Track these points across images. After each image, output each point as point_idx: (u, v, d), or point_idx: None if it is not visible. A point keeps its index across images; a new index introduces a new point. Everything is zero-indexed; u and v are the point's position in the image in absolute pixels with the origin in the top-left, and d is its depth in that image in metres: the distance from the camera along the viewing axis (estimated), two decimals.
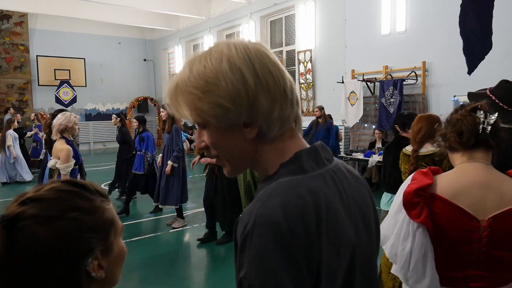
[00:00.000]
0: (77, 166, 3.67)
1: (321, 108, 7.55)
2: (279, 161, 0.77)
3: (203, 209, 5.00)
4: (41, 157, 10.08)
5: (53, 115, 4.33)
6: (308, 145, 0.82)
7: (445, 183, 1.41)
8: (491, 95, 2.04)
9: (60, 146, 3.46)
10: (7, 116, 10.76)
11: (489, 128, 1.38)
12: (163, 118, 5.34)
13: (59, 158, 3.44)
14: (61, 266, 0.71)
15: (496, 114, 1.40)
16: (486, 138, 1.39)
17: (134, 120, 6.13)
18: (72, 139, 3.73)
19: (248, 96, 0.72)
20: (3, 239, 0.69)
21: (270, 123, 0.75)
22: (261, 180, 0.82)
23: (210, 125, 0.76)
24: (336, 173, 0.79)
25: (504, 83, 2.12)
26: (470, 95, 2.22)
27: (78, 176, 3.74)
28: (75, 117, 3.68)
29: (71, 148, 3.48)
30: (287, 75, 0.78)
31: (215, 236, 4.89)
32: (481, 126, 1.39)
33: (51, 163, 3.55)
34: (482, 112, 1.41)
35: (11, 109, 11.89)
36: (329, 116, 7.74)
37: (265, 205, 0.69)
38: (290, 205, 0.68)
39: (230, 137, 0.76)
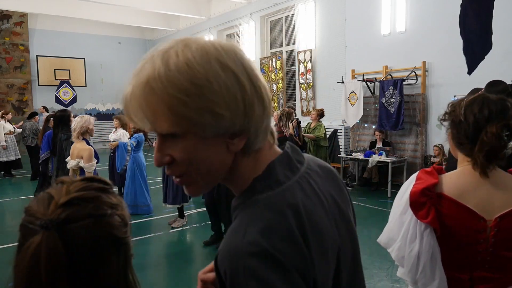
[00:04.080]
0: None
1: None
2: (253, 174, 0.71)
3: (202, 209, 4.98)
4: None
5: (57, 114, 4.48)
6: (279, 151, 0.76)
7: (451, 182, 1.37)
8: None
9: (82, 146, 3.74)
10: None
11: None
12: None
13: (82, 158, 3.69)
14: (119, 261, 0.74)
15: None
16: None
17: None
18: (90, 140, 4.01)
19: (245, 102, 0.64)
20: (58, 243, 0.65)
21: (259, 133, 0.69)
22: (235, 196, 0.75)
23: (189, 136, 0.64)
24: (311, 175, 0.76)
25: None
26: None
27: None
28: (92, 119, 3.97)
29: (92, 148, 3.76)
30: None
31: (221, 238, 4.85)
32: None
33: (72, 163, 3.77)
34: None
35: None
36: None
37: (249, 233, 0.63)
38: (274, 228, 0.63)
39: (212, 149, 0.66)
